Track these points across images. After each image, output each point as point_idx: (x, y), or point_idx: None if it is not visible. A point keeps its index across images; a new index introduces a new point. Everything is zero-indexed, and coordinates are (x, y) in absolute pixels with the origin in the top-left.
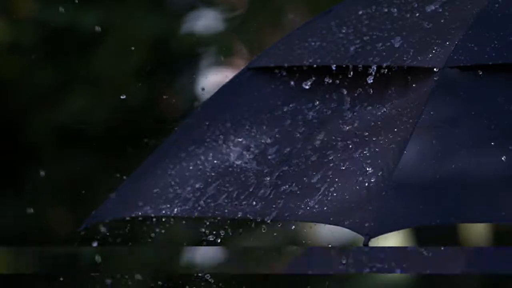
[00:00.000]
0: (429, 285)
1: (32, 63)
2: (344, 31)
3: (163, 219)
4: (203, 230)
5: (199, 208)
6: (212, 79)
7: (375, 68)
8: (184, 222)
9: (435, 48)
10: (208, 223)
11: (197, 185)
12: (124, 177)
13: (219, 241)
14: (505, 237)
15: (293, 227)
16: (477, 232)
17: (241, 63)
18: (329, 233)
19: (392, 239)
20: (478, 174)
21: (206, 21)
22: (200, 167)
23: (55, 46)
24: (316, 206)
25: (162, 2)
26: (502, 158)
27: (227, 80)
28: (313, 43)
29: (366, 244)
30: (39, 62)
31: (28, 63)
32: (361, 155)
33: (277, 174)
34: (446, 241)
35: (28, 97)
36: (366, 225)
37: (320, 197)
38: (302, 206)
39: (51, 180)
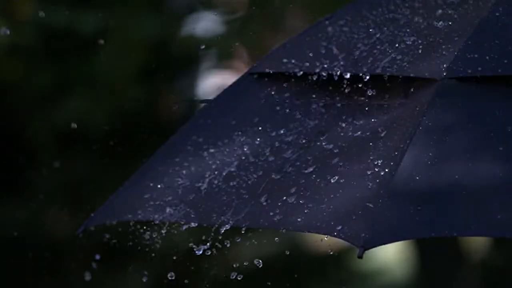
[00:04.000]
0: (429, 286)
1: (32, 65)
2: (346, 37)
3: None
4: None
5: (195, 214)
6: (212, 82)
7: (375, 77)
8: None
9: (435, 58)
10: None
11: (195, 188)
12: (124, 180)
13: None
14: (506, 240)
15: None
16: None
17: (241, 66)
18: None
19: (391, 244)
20: (476, 186)
21: (206, 24)
22: (199, 171)
23: (55, 48)
24: (311, 216)
25: (162, 4)
26: (501, 171)
27: (227, 83)
28: (315, 49)
29: (360, 257)
30: (39, 64)
31: (28, 65)
32: (358, 165)
33: (273, 181)
34: (447, 244)
35: (28, 99)
36: (361, 236)
37: (315, 206)
38: (297, 216)
39: (51, 182)
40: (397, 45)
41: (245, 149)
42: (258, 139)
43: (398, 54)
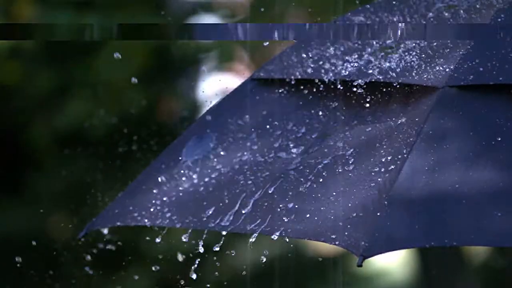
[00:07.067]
0: (429, 286)
1: (33, 68)
2: (351, 43)
3: None
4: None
5: (196, 219)
6: (213, 84)
7: (378, 83)
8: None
9: (436, 66)
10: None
11: (199, 189)
12: (125, 182)
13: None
14: None
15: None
16: None
17: (241, 69)
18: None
19: None
20: (476, 195)
21: None
22: (204, 172)
23: (56, 51)
24: (312, 223)
25: (163, 7)
26: (501, 180)
27: (228, 85)
28: (317, 54)
29: (360, 265)
30: (40, 67)
31: (29, 68)
32: (359, 172)
33: (272, 188)
34: (448, 247)
35: (28, 102)
36: (361, 244)
37: (316, 214)
38: (297, 223)
39: (51, 185)
40: (400, 51)
41: (250, 151)
42: (260, 142)
43: (401, 61)
